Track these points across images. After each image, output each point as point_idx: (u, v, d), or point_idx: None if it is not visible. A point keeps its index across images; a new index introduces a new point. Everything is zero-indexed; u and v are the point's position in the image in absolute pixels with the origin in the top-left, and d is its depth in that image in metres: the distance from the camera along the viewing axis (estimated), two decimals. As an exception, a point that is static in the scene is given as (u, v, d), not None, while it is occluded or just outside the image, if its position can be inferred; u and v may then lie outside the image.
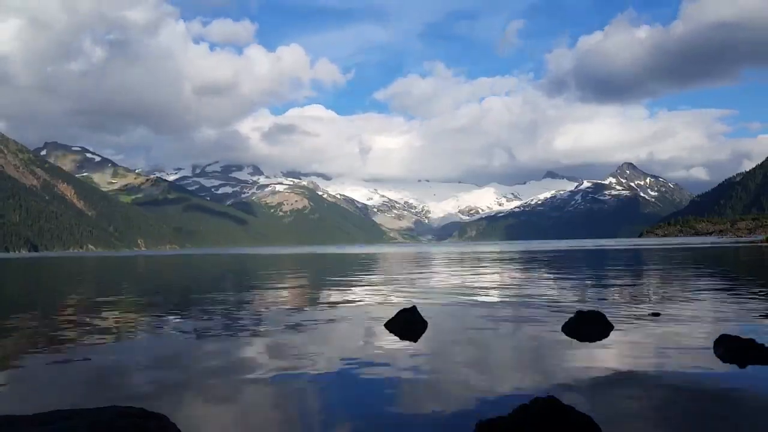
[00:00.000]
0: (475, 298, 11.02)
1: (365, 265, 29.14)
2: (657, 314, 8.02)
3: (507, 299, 10.72)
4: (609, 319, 7.01)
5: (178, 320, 8.72)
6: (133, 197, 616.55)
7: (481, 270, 21.59)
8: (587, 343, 6.18)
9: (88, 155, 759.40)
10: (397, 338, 6.72)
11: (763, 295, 10.41)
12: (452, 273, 20.40)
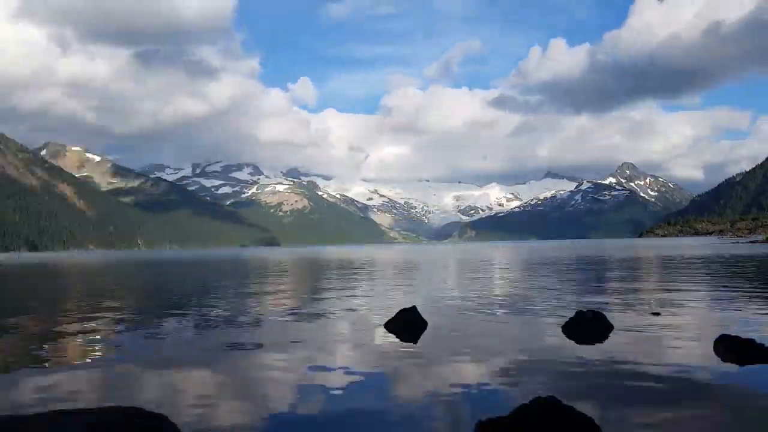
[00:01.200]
0: (474, 297, 11.02)
1: (365, 265, 29.14)
2: (657, 314, 8.02)
3: (507, 299, 10.73)
4: (609, 319, 7.01)
5: (177, 321, 8.72)
6: (133, 197, 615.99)
7: (481, 270, 21.59)
8: (587, 343, 6.16)
9: (88, 155, 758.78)
10: (397, 338, 6.72)
11: (763, 295, 10.41)
12: (452, 273, 20.41)
